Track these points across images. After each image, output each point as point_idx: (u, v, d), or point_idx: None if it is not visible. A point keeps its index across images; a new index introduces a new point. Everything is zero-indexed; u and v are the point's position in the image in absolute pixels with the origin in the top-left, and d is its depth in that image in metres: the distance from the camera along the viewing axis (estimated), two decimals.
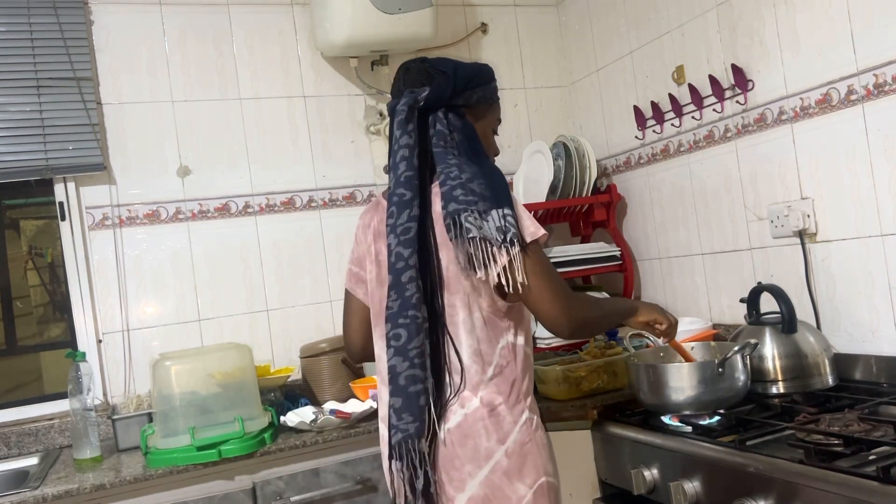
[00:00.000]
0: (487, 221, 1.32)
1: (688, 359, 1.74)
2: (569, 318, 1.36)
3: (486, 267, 1.32)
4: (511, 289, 1.34)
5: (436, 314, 1.39)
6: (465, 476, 1.35)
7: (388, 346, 1.36)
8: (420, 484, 1.32)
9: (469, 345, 1.39)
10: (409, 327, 1.34)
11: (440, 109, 1.45)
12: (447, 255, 1.39)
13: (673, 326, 1.61)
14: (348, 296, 1.65)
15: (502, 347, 1.42)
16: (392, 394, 1.36)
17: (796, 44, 1.91)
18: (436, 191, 1.40)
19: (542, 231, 1.37)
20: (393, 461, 1.35)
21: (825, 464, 1.30)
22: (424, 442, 1.33)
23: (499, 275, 1.32)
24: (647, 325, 1.59)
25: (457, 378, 1.39)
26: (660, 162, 2.46)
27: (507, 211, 1.34)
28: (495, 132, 1.59)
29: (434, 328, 1.39)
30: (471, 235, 1.31)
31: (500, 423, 1.37)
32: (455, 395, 1.38)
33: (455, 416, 1.37)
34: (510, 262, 1.31)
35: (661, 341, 1.64)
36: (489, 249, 1.31)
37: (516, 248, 1.31)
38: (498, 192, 1.36)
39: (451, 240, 1.34)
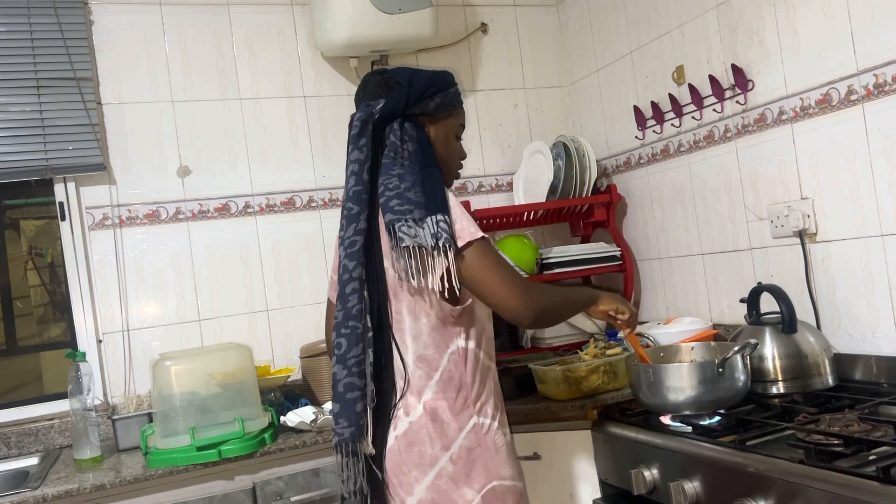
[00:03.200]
0: (423, 229, 1.34)
1: (643, 359, 1.73)
2: (527, 306, 1.35)
3: (423, 274, 1.34)
4: (451, 293, 1.36)
5: (385, 322, 1.43)
6: (412, 481, 1.40)
7: (333, 355, 1.41)
8: (355, 484, 1.39)
9: (414, 350, 1.43)
10: (349, 337, 1.39)
11: (396, 120, 1.47)
12: (392, 265, 1.42)
13: (634, 317, 1.61)
14: (329, 303, 1.68)
15: (452, 353, 1.43)
16: (333, 399, 1.42)
17: (796, 44, 1.91)
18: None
19: (480, 233, 1.38)
20: (338, 460, 1.41)
21: (825, 464, 1.30)
22: (367, 444, 1.40)
23: (441, 278, 1.33)
24: (607, 315, 1.59)
25: (401, 383, 1.43)
26: (660, 162, 2.46)
27: (440, 217, 1.35)
28: (459, 137, 1.59)
29: (381, 336, 1.43)
30: (404, 244, 1.34)
31: (443, 430, 1.41)
32: (400, 399, 1.43)
33: (401, 423, 1.42)
34: (447, 267, 1.33)
35: (620, 333, 1.64)
36: (425, 257, 1.33)
37: (451, 253, 1.32)
38: (434, 198, 1.37)
39: (391, 249, 1.37)
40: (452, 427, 1.40)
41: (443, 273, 1.33)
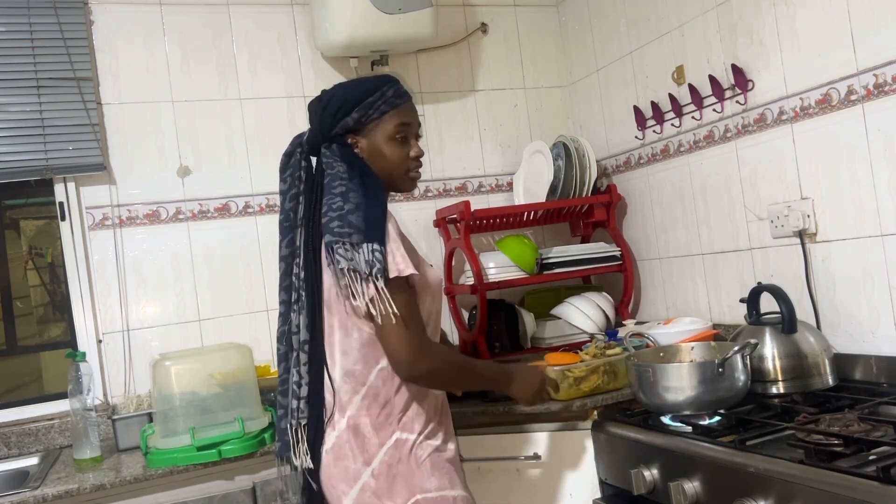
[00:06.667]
0: (358, 254, 1.36)
1: None
2: (414, 361, 1.37)
3: (354, 296, 1.37)
4: (379, 318, 1.37)
5: (320, 339, 1.48)
6: (340, 494, 1.44)
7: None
8: (289, 496, 1.49)
9: (342, 365, 1.46)
10: (278, 357, 1.54)
11: (323, 145, 1.52)
12: (328, 279, 1.46)
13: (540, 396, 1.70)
14: None
15: (381, 369, 1.45)
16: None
17: (796, 44, 1.91)
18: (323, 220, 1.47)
19: (410, 270, 1.39)
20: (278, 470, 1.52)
21: (825, 464, 1.30)
22: (299, 459, 1.47)
23: (367, 304, 1.36)
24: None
25: (329, 398, 1.47)
26: (660, 162, 2.46)
27: (376, 246, 1.36)
28: (405, 138, 1.54)
29: (316, 353, 1.47)
30: (340, 267, 1.37)
31: (365, 445, 1.43)
32: (329, 415, 1.47)
33: (329, 438, 1.46)
34: (376, 294, 1.35)
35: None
36: (357, 281, 1.36)
37: (380, 283, 1.35)
38: (373, 225, 1.39)
39: (327, 266, 1.43)
40: (373, 442, 1.43)
41: (371, 298, 1.35)
